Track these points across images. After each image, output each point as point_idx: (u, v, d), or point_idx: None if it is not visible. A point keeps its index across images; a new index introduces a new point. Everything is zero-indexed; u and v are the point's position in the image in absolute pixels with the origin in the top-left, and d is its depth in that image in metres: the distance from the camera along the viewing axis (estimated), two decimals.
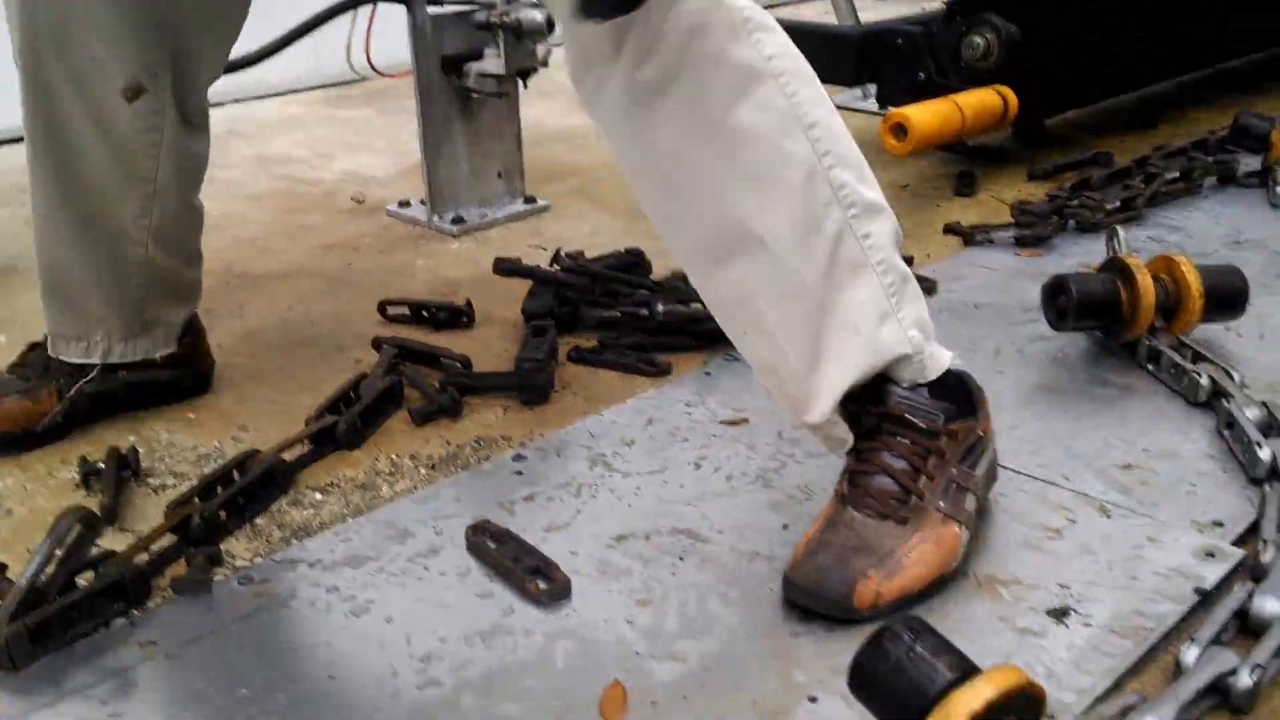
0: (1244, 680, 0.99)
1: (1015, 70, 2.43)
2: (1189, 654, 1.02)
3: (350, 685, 1.04)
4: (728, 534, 1.25)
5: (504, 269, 1.84)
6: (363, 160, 2.81)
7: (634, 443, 1.45)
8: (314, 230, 2.32)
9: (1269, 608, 1.07)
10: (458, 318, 1.82)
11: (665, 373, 1.64)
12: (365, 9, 2.43)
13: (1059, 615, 1.11)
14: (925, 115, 2.26)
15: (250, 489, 1.31)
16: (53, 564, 1.11)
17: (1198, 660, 1.01)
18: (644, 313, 1.72)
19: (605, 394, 1.60)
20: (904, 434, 1.18)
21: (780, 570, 1.18)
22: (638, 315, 1.73)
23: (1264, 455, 1.30)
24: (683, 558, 1.22)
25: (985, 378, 1.28)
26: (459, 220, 2.29)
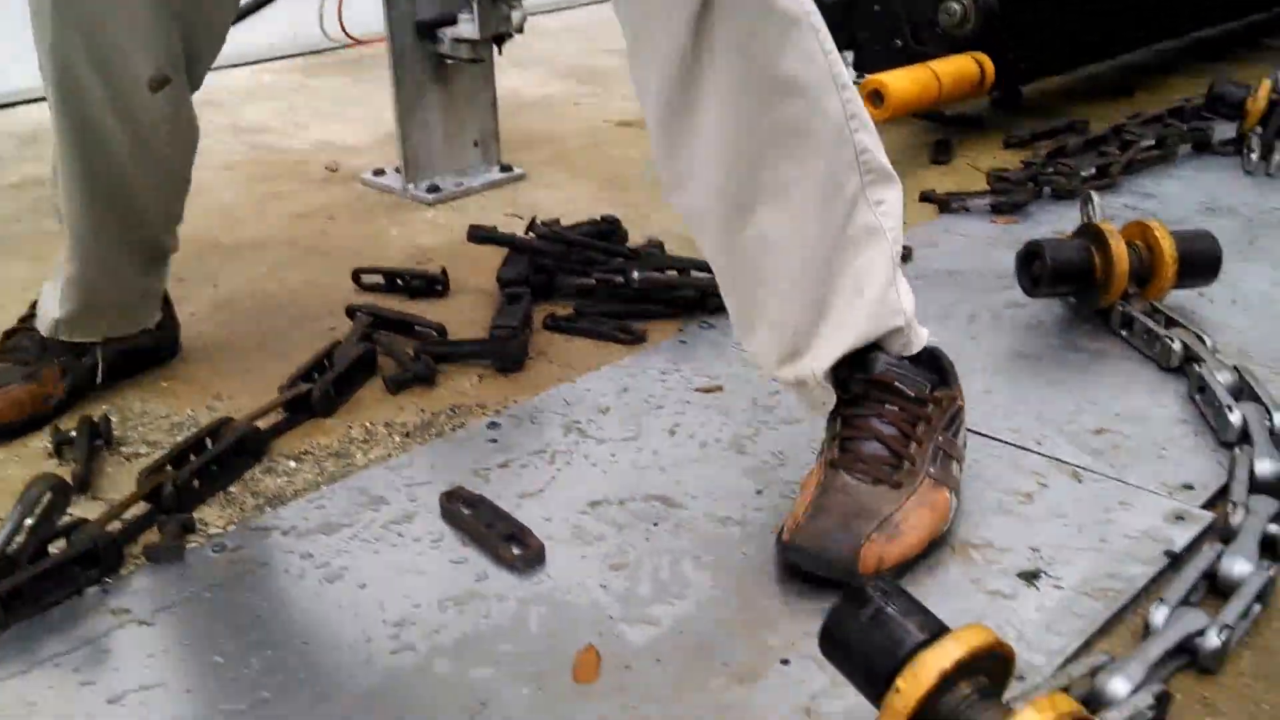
0: (1212, 640, 1.00)
1: (992, 37, 2.42)
2: (1158, 615, 1.03)
3: (324, 651, 1.04)
4: (701, 499, 1.26)
5: (479, 236, 1.83)
6: (337, 129, 2.78)
7: (609, 410, 1.45)
8: (288, 199, 2.30)
9: (1237, 569, 1.08)
10: (432, 286, 1.82)
11: (640, 340, 1.64)
12: None
13: (1030, 578, 1.12)
14: (902, 82, 2.25)
15: (223, 457, 1.31)
16: (24, 532, 1.11)
17: (1166, 621, 1.02)
18: (619, 280, 1.72)
19: (580, 361, 1.59)
20: (893, 401, 1.19)
21: (753, 535, 1.19)
22: (613, 283, 1.73)
23: (1234, 419, 1.31)
24: (656, 523, 1.22)
25: (959, 344, 1.29)
26: (434, 189, 2.28)
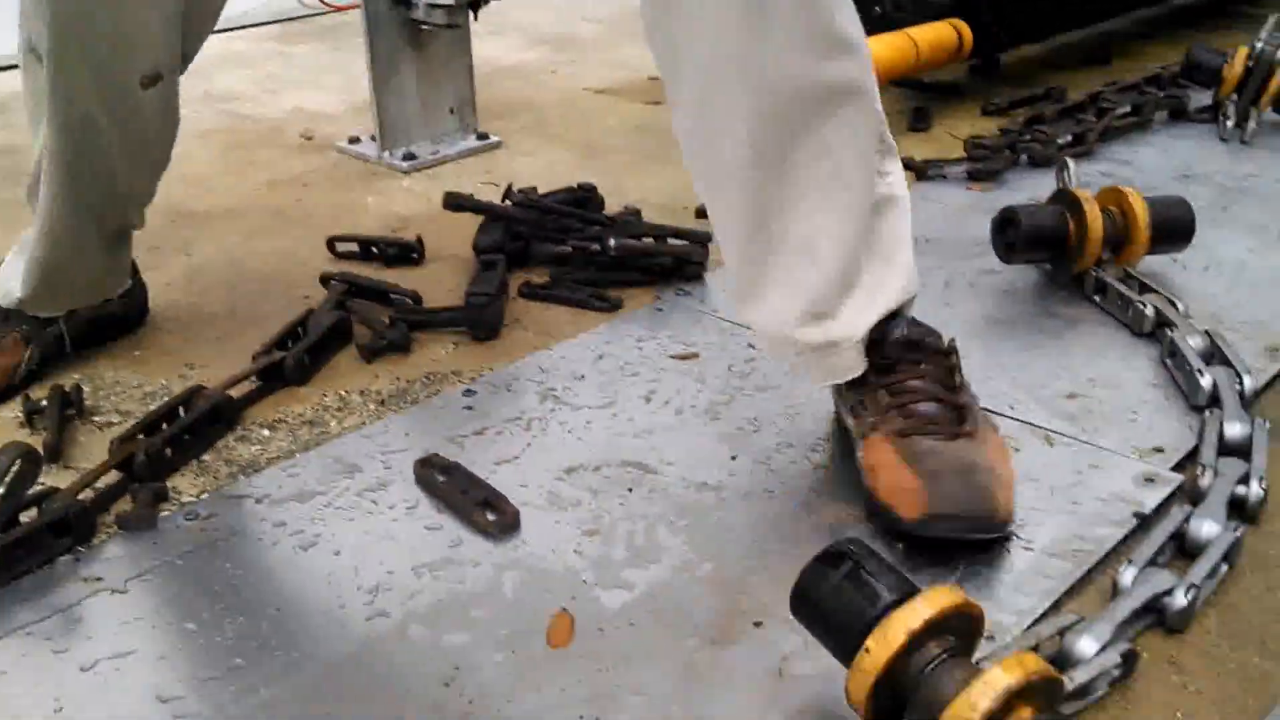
0: (1179, 600, 1.01)
1: (971, 5, 2.42)
2: (1126, 575, 1.04)
3: (297, 618, 1.04)
4: (677, 465, 1.26)
5: (454, 204, 1.82)
6: (312, 96, 2.76)
7: (584, 377, 1.45)
8: (262, 167, 2.29)
9: (1205, 530, 1.09)
10: (408, 254, 1.81)
11: (616, 308, 1.64)
12: None
13: (1001, 540, 1.13)
14: (880, 49, 2.24)
15: (196, 425, 1.30)
16: None
17: (1134, 581, 1.03)
18: (595, 248, 1.72)
19: (556, 329, 1.59)
20: (927, 359, 1.20)
21: (728, 500, 1.19)
22: (589, 250, 1.72)
23: (1205, 383, 1.32)
24: (631, 489, 1.22)
25: (935, 310, 1.30)
26: (410, 156, 2.27)
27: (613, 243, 1.69)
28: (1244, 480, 1.16)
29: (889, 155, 1.19)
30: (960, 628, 0.87)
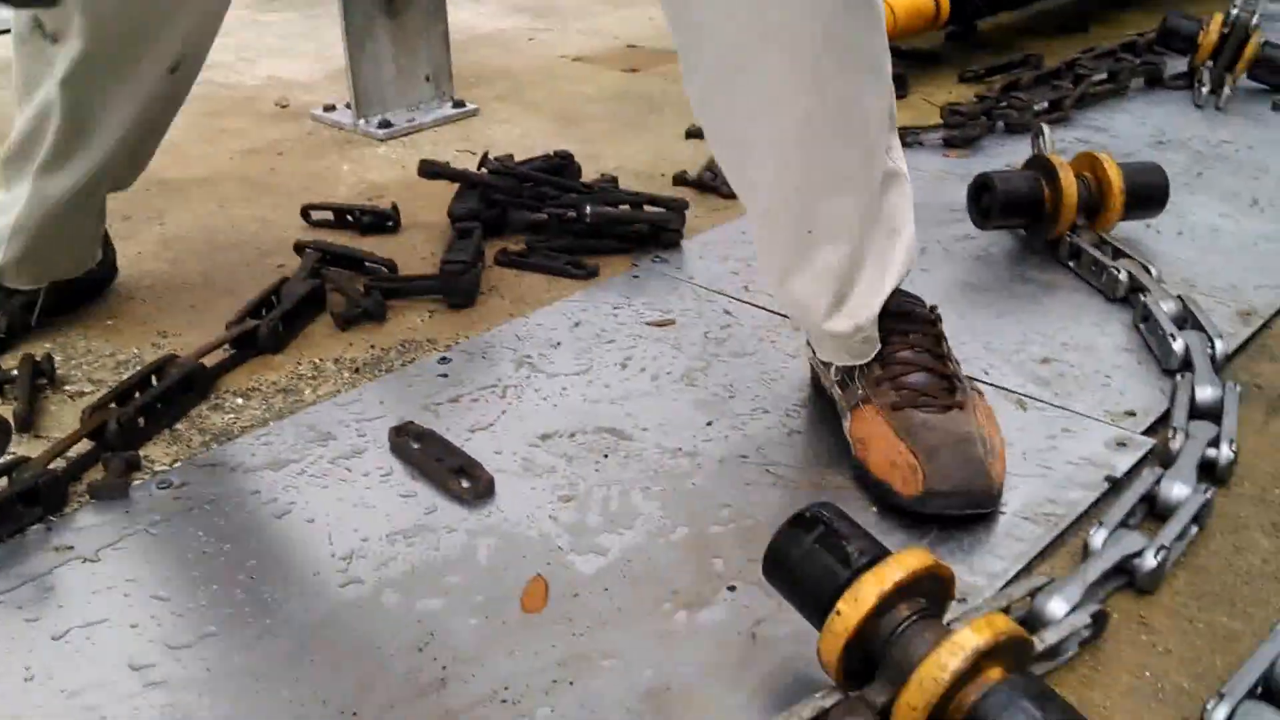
0: (1149, 561, 1.02)
1: None
2: (1097, 537, 1.05)
3: (271, 585, 1.04)
4: (652, 431, 1.26)
5: (430, 172, 1.81)
6: (287, 64, 2.74)
7: (560, 344, 1.44)
8: (236, 135, 2.27)
9: (1175, 492, 1.10)
10: (383, 222, 1.80)
11: (593, 275, 1.63)
12: None
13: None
14: None
15: (169, 394, 1.29)
16: None
17: (1105, 543, 1.04)
18: (572, 215, 1.71)
19: (532, 297, 1.59)
20: (915, 329, 1.20)
21: (703, 466, 1.20)
22: (565, 218, 1.72)
23: (1177, 347, 1.33)
24: (607, 455, 1.22)
25: (910, 276, 1.29)
26: (386, 124, 2.25)
27: (589, 210, 1.68)
28: (1214, 443, 1.17)
29: (894, 130, 1.18)
30: (931, 590, 0.87)
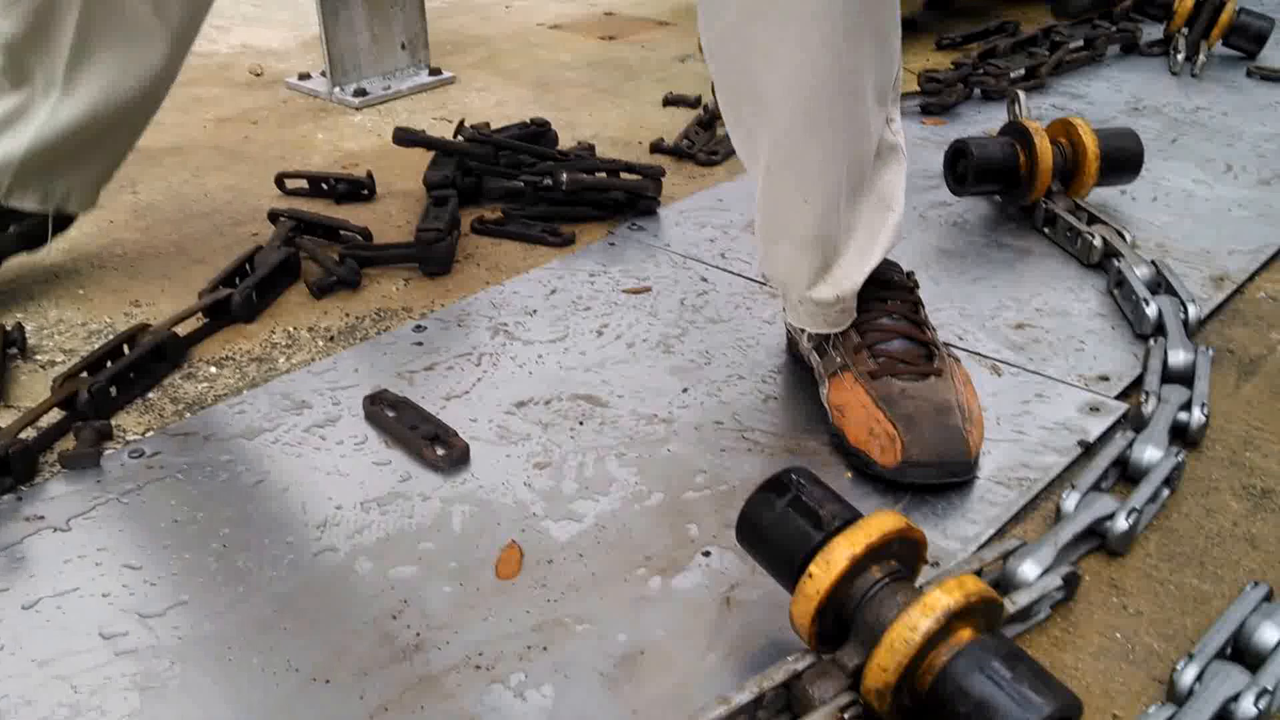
0: (1120, 524, 1.02)
1: None
2: (1069, 500, 1.05)
3: (244, 554, 1.03)
4: (628, 398, 1.26)
5: (405, 139, 1.79)
6: (261, 32, 2.71)
7: (536, 312, 1.44)
8: (209, 103, 2.24)
9: (1147, 455, 1.11)
10: (358, 190, 1.78)
11: (569, 243, 1.63)
12: None
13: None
14: None
15: (140, 363, 1.28)
16: None
17: (1077, 506, 1.04)
18: (548, 183, 1.70)
19: (508, 265, 1.58)
20: (892, 295, 1.20)
21: (678, 432, 1.19)
22: (542, 186, 1.71)
23: (1150, 312, 1.33)
24: (582, 422, 1.22)
25: None
26: (361, 92, 2.23)
27: (564, 178, 1.67)
28: (1186, 407, 1.18)
29: (897, 103, 1.17)
30: (903, 553, 0.88)
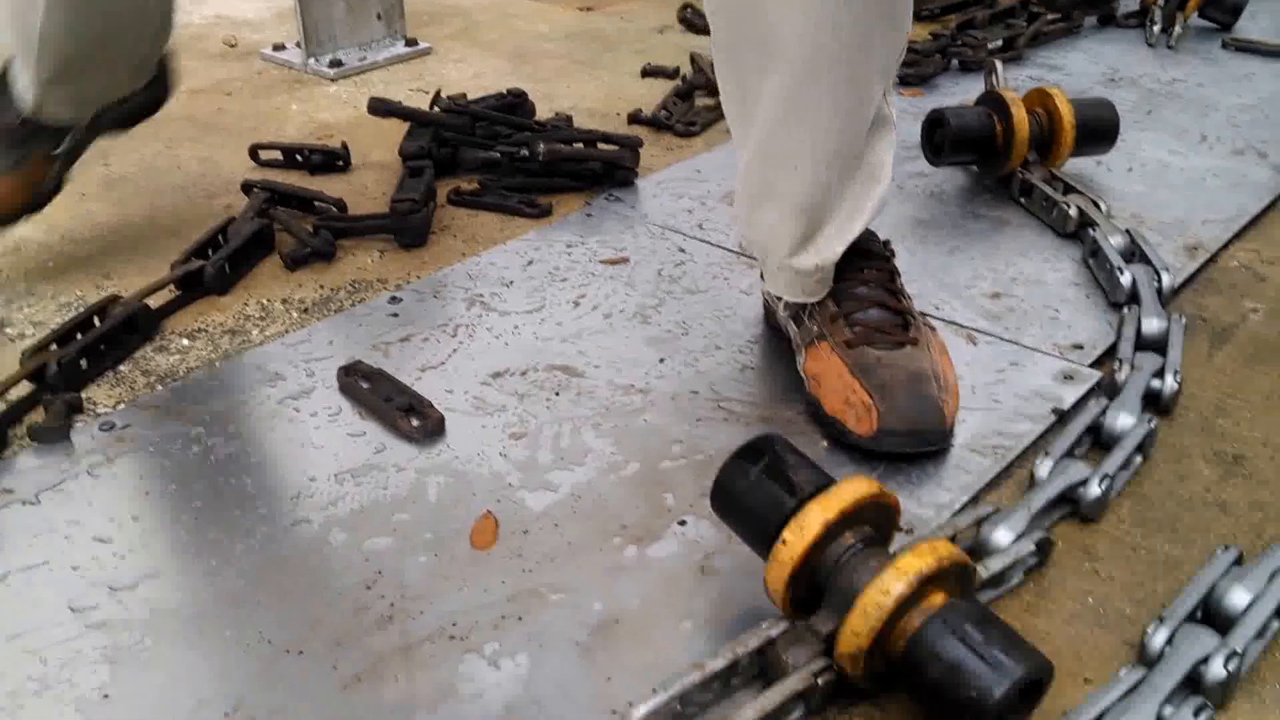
0: (1093, 490, 1.03)
1: None
2: (1043, 467, 1.05)
3: (217, 527, 1.03)
4: (604, 369, 1.25)
5: (380, 109, 1.78)
6: (234, 3, 2.68)
7: (512, 283, 1.43)
8: (183, 75, 2.21)
9: (1120, 422, 1.11)
10: (333, 161, 1.77)
11: (546, 214, 1.62)
12: None
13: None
14: None
15: (111, 335, 1.27)
16: None
17: (1050, 472, 1.05)
18: (525, 154, 1.69)
19: (485, 236, 1.57)
20: (868, 264, 1.20)
21: (655, 402, 1.19)
22: (518, 156, 1.70)
23: (1124, 280, 1.33)
24: (558, 392, 1.22)
25: None
26: (337, 64, 2.21)
27: (541, 148, 1.66)
28: (1159, 374, 1.18)
29: (893, 77, 1.16)
30: (876, 519, 0.88)
